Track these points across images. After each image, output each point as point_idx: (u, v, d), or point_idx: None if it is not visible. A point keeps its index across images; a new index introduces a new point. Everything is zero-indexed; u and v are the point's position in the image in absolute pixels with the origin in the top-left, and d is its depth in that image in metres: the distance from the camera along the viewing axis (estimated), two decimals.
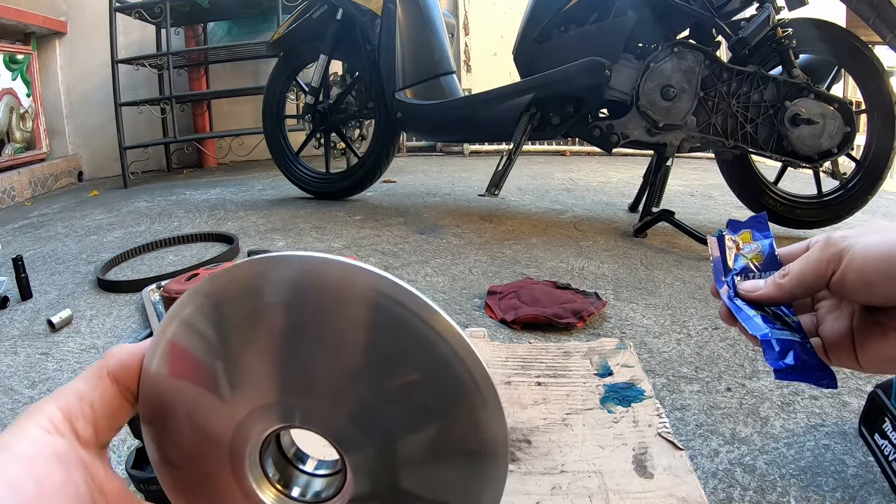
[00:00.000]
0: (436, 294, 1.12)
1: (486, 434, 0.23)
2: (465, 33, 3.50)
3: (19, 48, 2.65)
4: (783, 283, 0.34)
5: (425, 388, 0.22)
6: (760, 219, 0.41)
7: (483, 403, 0.23)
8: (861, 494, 0.56)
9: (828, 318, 0.36)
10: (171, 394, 0.23)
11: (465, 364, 0.22)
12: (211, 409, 0.23)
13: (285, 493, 0.25)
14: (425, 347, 0.22)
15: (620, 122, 1.53)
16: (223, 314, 0.22)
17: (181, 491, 0.25)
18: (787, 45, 1.40)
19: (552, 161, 3.17)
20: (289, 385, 0.22)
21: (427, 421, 0.23)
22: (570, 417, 0.63)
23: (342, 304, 0.21)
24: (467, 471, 0.24)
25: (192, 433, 0.23)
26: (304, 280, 0.22)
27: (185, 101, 3.20)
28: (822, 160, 1.42)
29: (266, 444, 0.24)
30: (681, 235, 1.46)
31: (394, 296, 0.22)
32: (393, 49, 1.77)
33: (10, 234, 1.85)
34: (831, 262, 0.31)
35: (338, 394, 0.22)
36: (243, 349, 0.22)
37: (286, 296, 0.22)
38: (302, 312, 0.22)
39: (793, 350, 0.32)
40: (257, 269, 0.22)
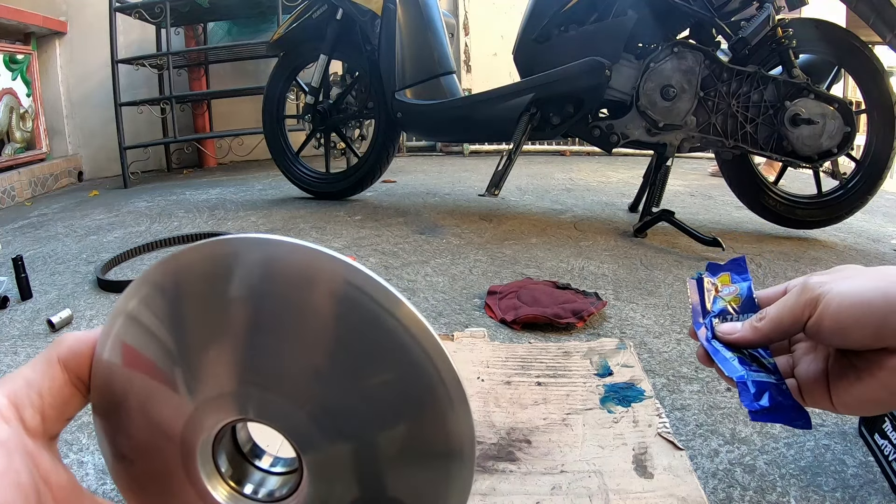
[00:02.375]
0: (436, 294, 1.12)
1: (453, 435, 0.22)
2: (465, 33, 3.50)
3: (19, 48, 2.65)
4: (760, 327, 0.35)
5: (391, 387, 0.21)
6: (740, 262, 0.42)
7: (450, 404, 0.21)
8: (861, 494, 0.56)
9: (803, 359, 0.37)
10: (124, 384, 0.22)
11: (434, 363, 0.21)
12: (164, 401, 0.22)
13: (237, 489, 0.24)
14: (393, 345, 0.21)
15: (620, 122, 1.53)
16: (176, 300, 0.21)
17: (134, 487, 0.24)
18: (787, 45, 1.40)
19: (552, 161, 3.17)
20: (245, 376, 0.21)
21: (392, 422, 0.21)
22: (570, 417, 0.63)
23: (307, 293, 0.20)
24: (431, 473, 0.23)
25: (145, 426, 0.22)
26: (267, 266, 0.20)
27: (185, 101, 3.20)
28: (822, 160, 1.42)
29: (220, 439, 0.23)
30: (681, 235, 1.46)
31: (362, 287, 0.20)
32: (393, 49, 1.77)
33: (10, 234, 1.84)
34: (807, 306, 0.32)
35: (298, 388, 0.21)
36: (197, 338, 0.21)
37: (246, 282, 0.20)
38: (263, 301, 0.20)
39: (768, 392, 0.33)
40: (214, 253, 0.21)
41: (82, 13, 2.96)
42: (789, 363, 0.38)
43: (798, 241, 1.49)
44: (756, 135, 1.45)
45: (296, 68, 2.06)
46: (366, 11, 1.82)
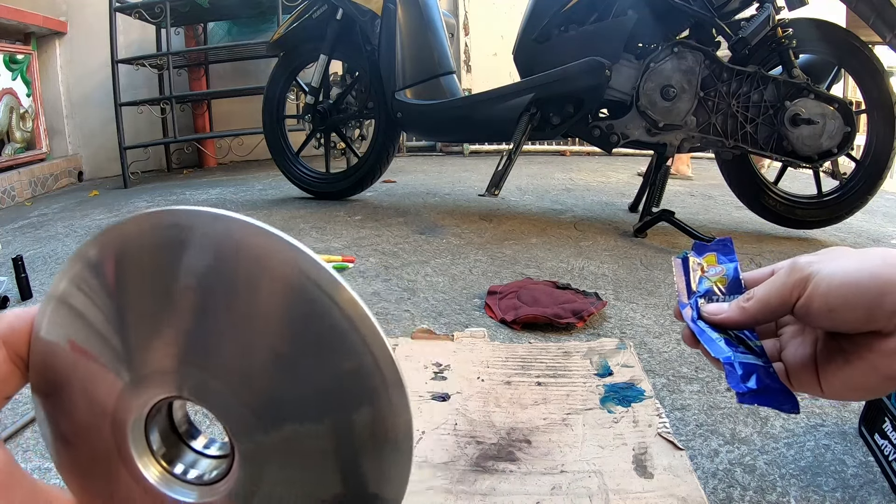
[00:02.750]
0: (436, 294, 1.12)
1: (389, 423, 0.21)
2: (465, 33, 3.50)
3: (19, 48, 2.65)
4: (747, 307, 0.34)
5: (327, 375, 0.21)
6: (726, 242, 0.41)
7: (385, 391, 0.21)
8: (861, 494, 0.56)
9: (791, 343, 0.36)
10: (62, 363, 0.21)
11: (371, 350, 0.21)
12: (101, 378, 0.21)
13: (168, 469, 0.23)
14: (331, 331, 0.20)
15: (620, 122, 1.53)
16: (114, 274, 0.20)
17: (75, 470, 0.23)
18: (787, 45, 1.40)
19: (552, 161, 3.17)
20: (183, 355, 0.20)
21: (326, 410, 0.21)
22: (570, 417, 0.63)
23: (256, 276, 0.20)
24: (366, 463, 0.22)
25: (84, 406, 0.21)
26: (218, 243, 0.20)
27: (185, 101, 3.20)
28: (822, 160, 1.42)
29: (154, 415, 0.22)
30: (681, 235, 1.46)
31: (314, 278, 0.20)
32: (393, 49, 1.77)
33: (10, 234, 1.84)
34: (796, 287, 0.31)
35: (235, 371, 0.20)
36: (136, 312, 0.20)
37: (193, 257, 0.20)
38: (209, 279, 0.20)
39: (756, 374, 0.32)
40: (159, 223, 0.20)
41: (82, 13, 2.96)
42: (776, 347, 0.37)
43: (798, 241, 1.49)
44: (756, 135, 1.45)
45: (296, 68, 2.06)
46: (366, 11, 1.82)
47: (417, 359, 0.79)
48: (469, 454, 0.57)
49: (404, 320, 1.00)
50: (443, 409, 0.65)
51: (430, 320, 1.00)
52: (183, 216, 0.20)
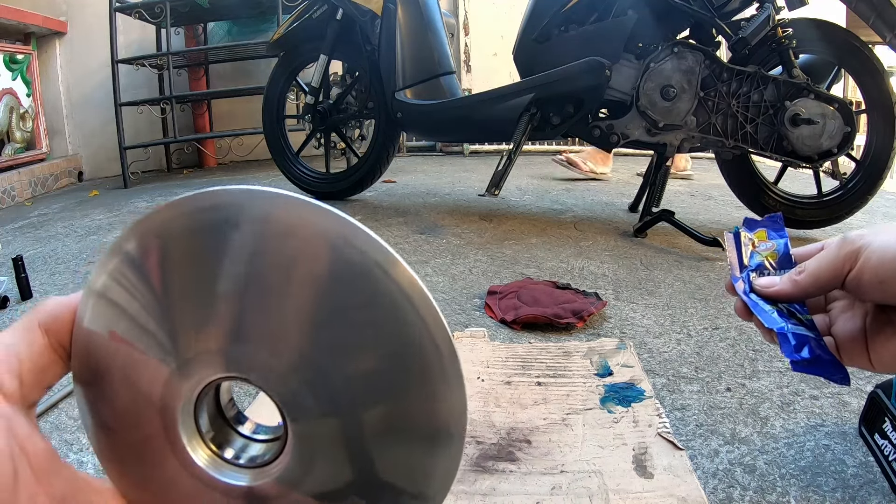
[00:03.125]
0: (436, 294, 1.12)
1: (444, 413, 0.21)
2: (465, 33, 3.50)
3: (19, 48, 2.65)
4: (799, 280, 0.34)
5: (385, 357, 0.20)
6: (776, 218, 0.42)
7: (444, 379, 0.20)
8: (861, 494, 0.56)
9: (840, 317, 0.36)
10: (105, 351, 0.21)
11: (434, 337, 0.20)
12: (146, 364, 0.21)
13: (218, 453, 0.23)
14: (389, 311, 0.20)
15: (620, 122, 1.53)
16: (155, 262, 0.20)
17: (115, 458, 0.23)
18: (787, 45, 1.40)
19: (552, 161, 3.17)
20: (233, 332, 0.20)
21: (385, 393, 0.20)
22: (570, 417, 0.63)
23: (303, 250, 0.19)
24: (418, 452, 0.22)
25: (127, 393, 0.21)
26: (260, 221, 0.19)
27: (185, 101, 3.20)
28: (822, 160, 1.42)
29: (202, 400, 0.22)
30: (681, 235, 1.46)
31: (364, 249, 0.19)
32: (393, 49, 1.77)
33: (10, 234, 1.84)
34: (847, 260, 0.32)
35: (290, 349, 0.20)
36: (179, 298, 0.20)
37: (236, 238, 0.20)
38: (254, 257, 0.19)
39: (808, 345, 0.33)
40: (197, 207, 0.20)
41: (82, 13, 2.96)
42: (826, 322, 0.37)
43: (798, 242, 1.49)
44: (756, 135, 1.45)
45: (296, 68, 2.06)
46: (366, 11, 1.82)
47: None
48: (469, 454, 0.57)
49: None
50: None
51: None
52: (216, 197, 0.20)
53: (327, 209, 0.20)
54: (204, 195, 0.20)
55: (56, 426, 0.71)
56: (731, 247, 0.41)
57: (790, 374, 0.79)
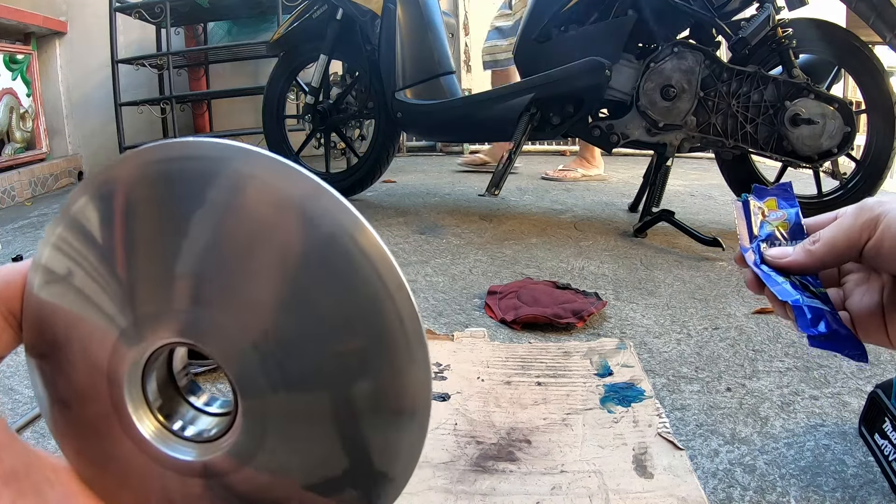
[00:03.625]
0: (436, 294, 1.12)
1: (409, 389, 0.20)
2: (465, 33, 3.49)
3: (19, 48, 2.65)
4: (814, 250, 0.32)
5: (347, 332, 0.19)
6: (786, 186, 0.40)
7: (408, 352, 0.19)
8: (861, 494, 0.56)
9: (856, 291, 0.34)
10: (59, 318, 0.19)
11: (399, 311, 0.19)
12: (98, 330, 0.19)
13: (165, 424, 0.21)
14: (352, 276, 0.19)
15: (620, 122, 1.53)
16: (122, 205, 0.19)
17: (72, 435, 0.21)
18: (787, 45, 1.40)
19: (552, 161, 3.17)
20: (190, 293, 0.18)
21: (343, 372, 0.19)
22: (570, 417, 0.63)
23: (274, 212, 0.18)
24: (381, 428, 0.20)
25: (81, 363, 0.20)
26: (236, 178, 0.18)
27: (185, 101, 3.20)
28: (822, 160, 1.42)
29: (152, 363, 0.20)
30: (681, 235, 1.46)
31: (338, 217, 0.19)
32: (393, 49, 1.77)
33: (10, 234, 1.84)
34: (865, 228, 0.30)
35: (247, 314, 0.18)
36: (140, 248, 0.19)
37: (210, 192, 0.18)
38: (227, 214, 0.18)
39: (824, 319, 0.31)
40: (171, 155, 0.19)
41: (82, 13, 2.96)
42: (840, 296, 0.35)
43: None
44: (756, 135, 1.45)
45: (296, 68, 2.06)
46: (366, 11, 1.82)
47: None
48: (469, 454, 0.57)
49: None
50: (443, 409, 0.65)
51: (430, 320, 1.00)
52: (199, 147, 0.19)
53: (313, 178, 0.19)
54: (175, 144, 0.19)
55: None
56: (740, 216, 0.39)
57: (790, 374, 0.79)
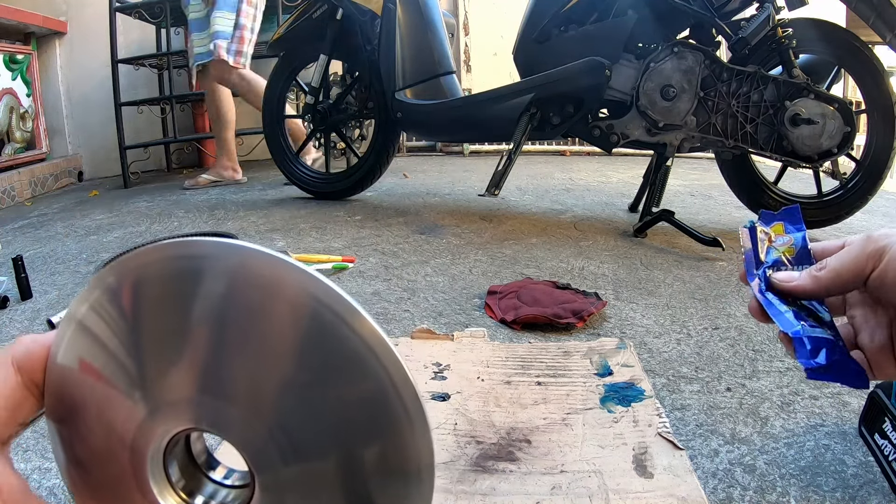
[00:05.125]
0: (436, 294, 1.12)
1: (411, 455, 0.21)
2: (465, 33, 3.50)
3: (19, 48, 2.65)
4: (820, 276, 0.33)
5: (348, 404, 0.21)
6: (793, 211, 0.40)
7: (409, 423, 0.21)
8: (861, 494, 0.56)
9: (865, 327, 0.35)
10: (78, 389, 0.21)
11: (392, 379, 0.21)
12: (118, 407, 0.21)
13: (188, 500, 0.23)
14: (350, 359, 0.20)
15: (620, 122, 1.53)
16: (133, 302, 0.21)
17: (88, 494, 0.23)
18: (787, 45, 1.40)
19: (552, 161, 3.17)
20: (201, 384, 0.20)
21: (347, 440, 0.21)
22: (570, 417, 0.63)
23: (271, 304, 0.20)
24: (387, 495, 0.22)
25: (100, 432, 0.21)
26: (232, 273, 0.20)
27: (185, 101, 3.20)
28: (822, 160, 1.42)
29: (173, 447, 0.22)
30: (681, 235, 1.46)
31: (328, 303, 0.20)
32: (393, 49, 1.77)
33: (10, 234, 1.84)
34: (871, 258, 0.30)
35: (254, 400, 0.20)
36: (152, 343, 0.21)
37: (209, 288, 0.20)
38: (225, 309, 0.20)
39: (825, 349, 0.31)
40: (175, 254, 0.20)
41: (82, 13, 2.96)
42: (850, 332, 0.36)
43: None
44: (756, 135, 1.45)
45: (296, 68, 2.06)
46: (366, 11, 1.82)
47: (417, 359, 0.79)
48: (469, 454, 0.57)
49: (404, 320, 1.00)
50: (443, 409, 0.65)
51: (430, 320, 1.00)
52: (195, 247, 0.20)
53: (298, 266, 0.20)
54: (181, 244, 0.20)
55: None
56: (746, 240, 0.39)
57: (790, 373, 0.79)
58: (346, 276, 1.24)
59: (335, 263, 1.26)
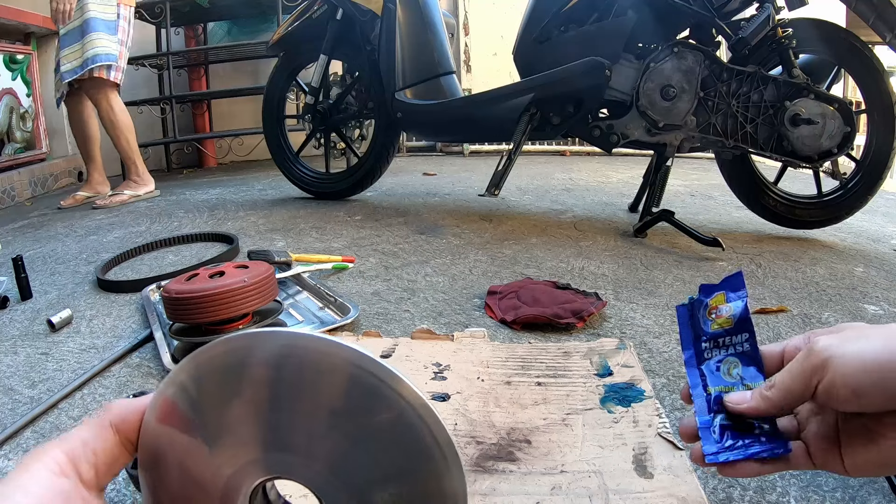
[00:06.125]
0: (436, 294, 1.12)
1: (448, 493, 0.26)
2: (465, 33, 3.50)
3: (19, 48, 2.65)
4: (770, 396, 0.34)
5: (394, 449, 0.25)
6: (735, 278, 0.41)
7: (446, 466, 0.25)
8: (861, 494, 0.56)
9: (811, 421, 0.36)
10: (166, 446, 0.26)
11: (430, 429, 0.25)
12: (202, 462, 0.26)
13: None
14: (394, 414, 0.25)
15: (620, 122, 1.53)
16: (210, 384, 0.25)
17: None
18: (787, 45, 1.40)
19: (552, 161, 3.17)
20: (272, 443, 0.25)
21: (396, 478, 0.25)
22: (570, 417, 0.63)
23: (321, 375, 0.24)
24: None
25: (182, 480, 0.26)
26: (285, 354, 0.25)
27: (185, 101, 3.20)
28: (822, 160, 1.42)
29: (255, 494, 0.27)
30: (681, 235, 1.46)
31: (367, 367, 0.24)
32: (393, 49, 1.77)
33: (10, 234, 1.85)
34: (816, 372, 0.31)
35: (316, 451, 0.25)
36: (230, 412, 0.25)
37: (268, 368, 0.25)
38: (283, 382, 0.25)
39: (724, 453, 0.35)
40: (233, 347, 0.25)
41: None
42: (794, 426, 0.37)
43: (798, 241, 1.49)
44: (756, 135, 1.45)
45: (296, 68, 2.06)
46: (366, 11, 1.82)
47: (417, 359, 0.79)
48: (469, 454, 0.57)
49: (404, 320, 1.00)
50: (443, 409, 0.65)
51: (430, 320, 1.00)
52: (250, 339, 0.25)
53: (337, 341, 0.24)
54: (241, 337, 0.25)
55: (56, 426, 0.71)
56: (680, 323, 0.42)
57: None
58: (346, 276, 1.24)
59: (335, 263, 1.26)
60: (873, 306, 1.04)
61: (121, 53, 2.16)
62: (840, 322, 0.95)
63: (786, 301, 1.06)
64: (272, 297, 0.91)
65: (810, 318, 0.99)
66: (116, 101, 2.22)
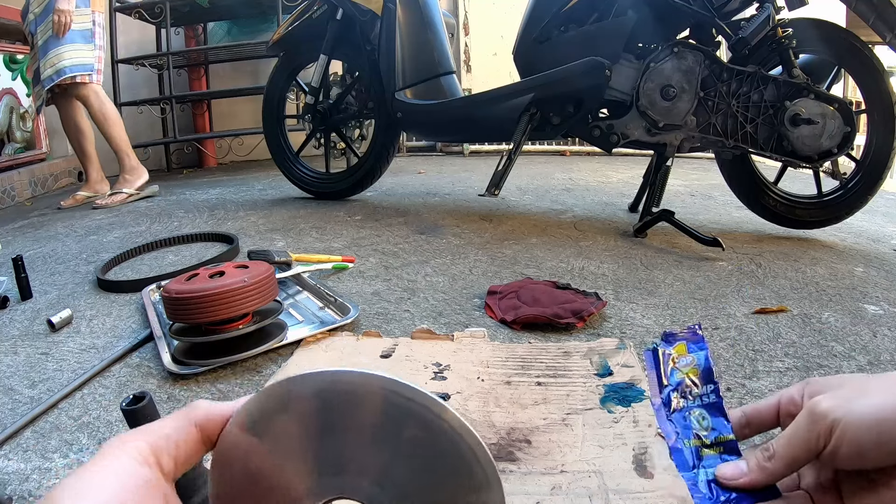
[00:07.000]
0: (436, 294, 1.12)
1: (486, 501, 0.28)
2: (465, 33, 3.50)
3: (19, 48, 2.65)
4: (770, 468, 0.33)
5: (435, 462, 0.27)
6: (695, 329, 0.41)
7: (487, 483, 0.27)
8: None
9: (810, 470, 0.35)
10: (240, 453, 0.29)
11: (480, 461, 0.27)
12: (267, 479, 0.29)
13: None
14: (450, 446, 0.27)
15: (620, 122, 1.53)
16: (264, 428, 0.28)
17: None
18: (787, 45, 1.40)
19: (552, 161, 3.17)
20: (327, 469, 0.28)
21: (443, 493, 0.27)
22: (570, 417, 0.63)
23: (363, 403, 0.27)
24: None
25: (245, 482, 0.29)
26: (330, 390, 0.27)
27: (185, 101, 3.20)
28: (822, 160, 1.42)
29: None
30: (681, 235, 1.46)
31: (411, 397, 0.27)
32: (393, 49, 1.77)
33: (10, 234, 1.85)
34: (822, 437, 0.31)
35: (370, 473, 0.28)
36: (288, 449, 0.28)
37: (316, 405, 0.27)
38: (331, 414, 0.27)
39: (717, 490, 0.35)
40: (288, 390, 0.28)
41: None
42: (793, 479, 0.36)
43: (798, 241, 1.49)
44: (756, 135, 1.45)
45: (296, 68, 2.06)
46: (366, 11, 1.82)
47: (417, 359, 0.79)
48: None
49: (404, 320, 1.00)
50: None
51: (430, 320, 1.00)
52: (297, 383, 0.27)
53: (375, 373, 0.27)
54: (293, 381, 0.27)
55: (56, 426, 0.71)
56: (649, 365, 0.41)
57: (790, 374, 0.80)
58: (346, 276, 1.24)
59: (335, 263, 1.26)
60: (873, 306, 1.04)
61: (99, 58, 2.26)
62: (840, 322, 0.95)
63: (786, 301, 1.06)
64: (272, 297, 0.91)
65: (810, 317, 0.99)
66: (103, 93, 2.29)
